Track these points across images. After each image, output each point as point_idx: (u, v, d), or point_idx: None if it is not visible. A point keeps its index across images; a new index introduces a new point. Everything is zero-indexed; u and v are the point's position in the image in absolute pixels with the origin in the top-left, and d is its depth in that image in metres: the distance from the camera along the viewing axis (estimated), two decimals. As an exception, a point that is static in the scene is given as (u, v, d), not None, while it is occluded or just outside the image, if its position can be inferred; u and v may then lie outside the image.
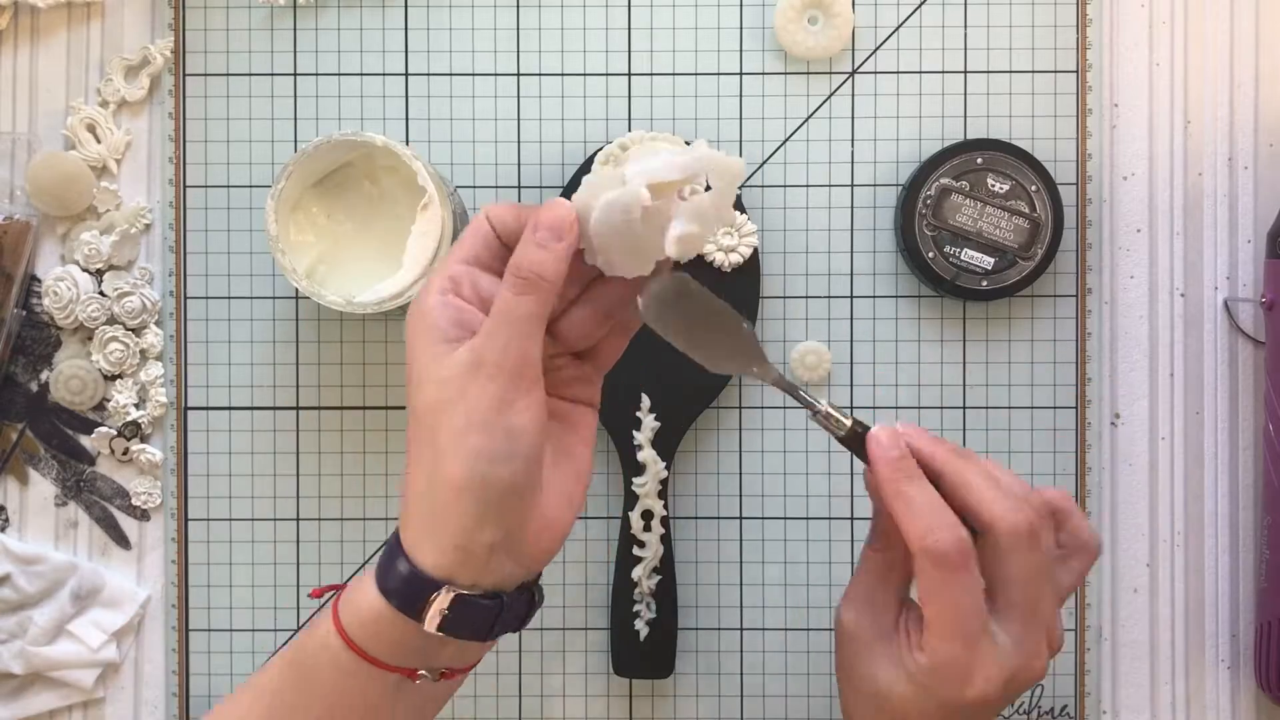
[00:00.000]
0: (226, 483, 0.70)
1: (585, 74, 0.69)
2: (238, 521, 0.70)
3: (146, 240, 0.70)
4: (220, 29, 0.69)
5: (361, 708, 0.52)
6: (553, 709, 0.70)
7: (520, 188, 0.70)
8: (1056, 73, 0.69)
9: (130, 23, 0.70)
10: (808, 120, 0.69)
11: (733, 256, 0.67)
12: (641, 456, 0.67)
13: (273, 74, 0.69)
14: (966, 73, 0.69)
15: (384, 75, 0.70)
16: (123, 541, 0.70)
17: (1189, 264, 0.70)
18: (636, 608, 0.68)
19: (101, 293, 0.69)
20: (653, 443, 0.67)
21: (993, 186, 0.67)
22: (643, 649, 0.68)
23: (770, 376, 0.53)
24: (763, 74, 0.69)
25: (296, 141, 0.70)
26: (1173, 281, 0.70)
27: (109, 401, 0.69)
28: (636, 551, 0.68)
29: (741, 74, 0.69)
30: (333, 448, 0.70)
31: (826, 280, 0.69)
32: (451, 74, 0.69)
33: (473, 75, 0.69)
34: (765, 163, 0.69)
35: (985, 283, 0.67)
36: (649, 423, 0.67)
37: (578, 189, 0.50)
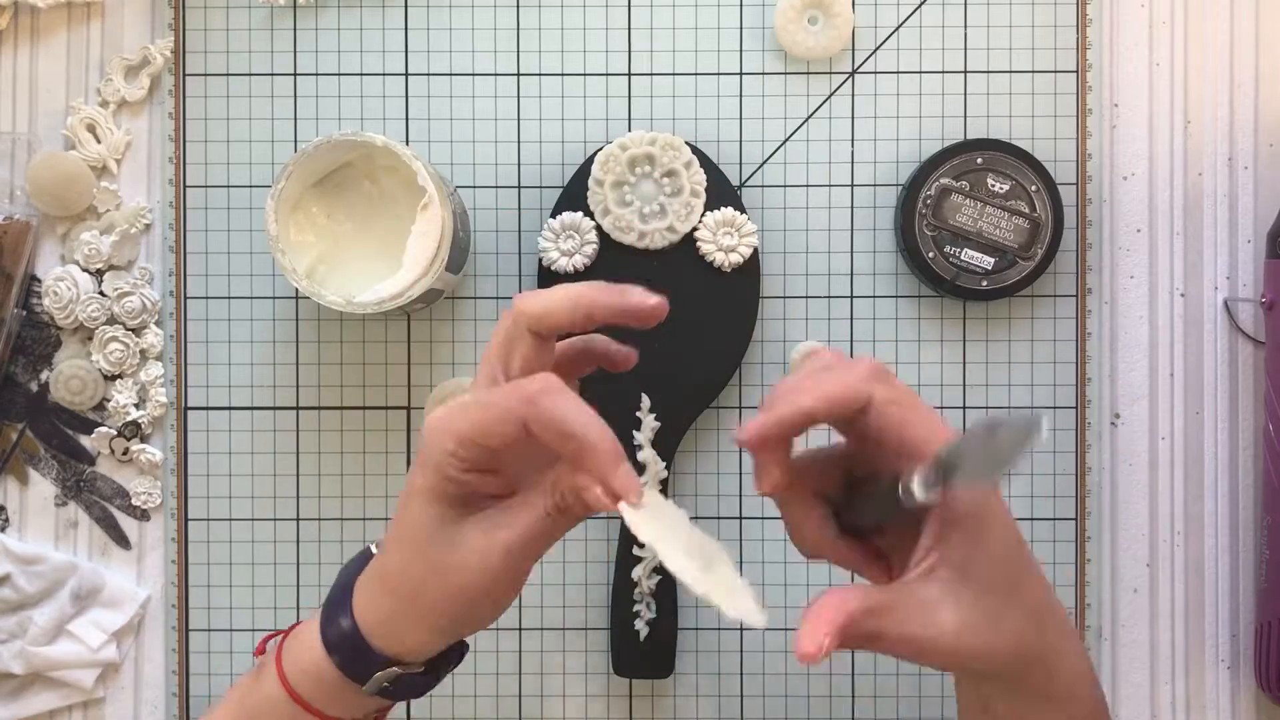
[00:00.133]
0: (226, 483, 0.70)
1: (585, 74, 0.69)
2: (238, 521, 0.70)
3: (146, 240, 0.70)
4: (220, 29, 0.69)
5: None
6: (553, 709, 0.70)
7: (520, 188, 0.70)
8: (1056, 73, 0.69)
9: (130, 23, 0.70)
10: (808, 120, 0.69)
11: (733, 256, 0.67)
12: (641, 456, 0.67)
13: (273, 74, 0.69)
14: (966, 73, 0.69)
15: (384, 75, 0.70)
16: (123, 541, 0.70)
17: (1189, 264, 0.70)
18: (636, 608, 0.68)
19: (101, 293, 0.69)
20: (653, 443, 0.67)
21: (993, 186, 0.67)
22: (643, 649, 0.68)
23: None
24: (763, 74, 0.69)
25: (296, 141, 0.70)
26: (1173, 281, 0.70)
27: (109, 401, 0.69)
28: (636, 551, 0.68)
29: (741, 74, 0.69)
30: (333, 448, 0.70)
31: (826, 280, 0.69)
32: (451, 74, 0.69)
33: (473, 75, 0.69)
34: (765, 163, 0.69)
35: (985, 283, 0.67)
36: (649, 423, 0.67)
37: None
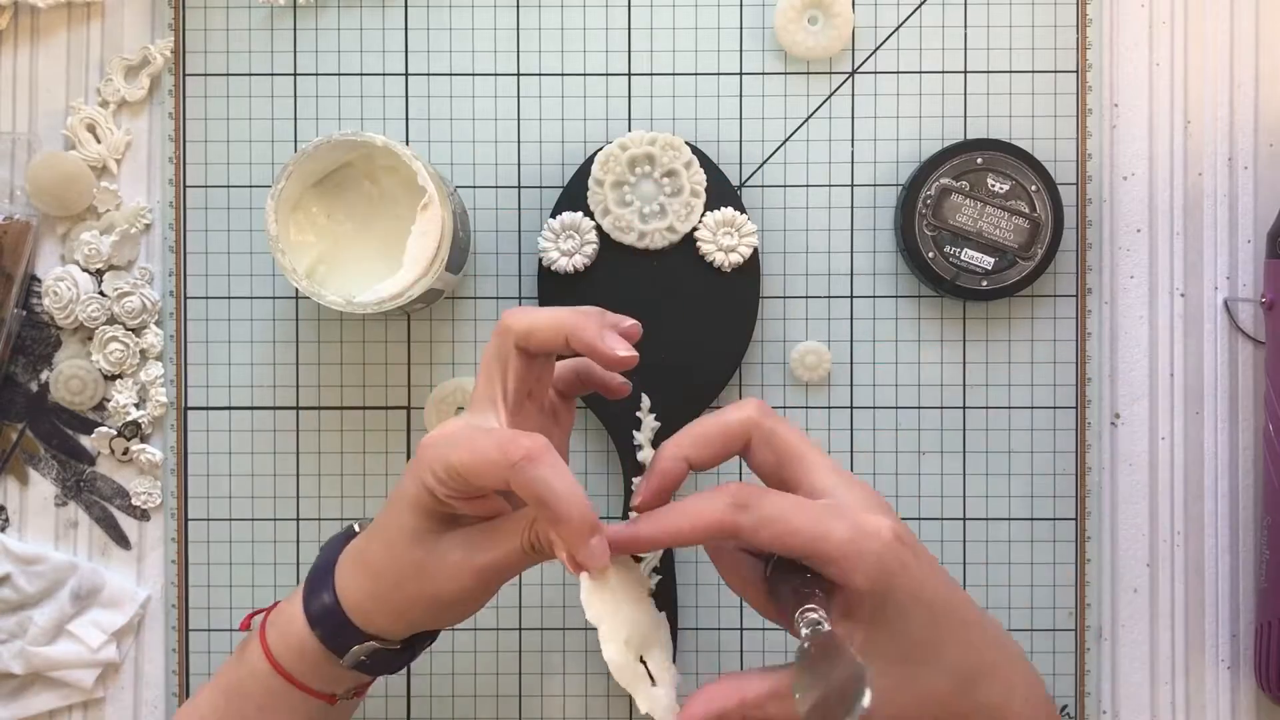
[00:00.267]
0: (226, 483, 0.70)
1: (585, 74, 0.69)
2: (238, 521, 0.70)
3: (146, 240, 0.70)
4: (220, 29, 0.69)
5: None
6: (553, 709, 0.70)
7: (520, 188, 0.70)
8: (1056, 73, 0.69)
9: (130, 23, 0.70)
10: (808, 120, 0.69)
11: (733, 256, 0.67)
12: (641, 456, 0.67)
13: (273, 74, 0.69)
14: (966, 73, 0.69)
15: (384, 75, 0.70)
16: (123, 541, 0.70)
17: (1189, 264, 0.70)
18: (636, 608, 0.68)
19: (101, 293, 0.69)
20: (653, 443, 0.67)
21: (993, 186, 0.67)
22: (643, 649, 0.68)
23: None
24: (763, 74, 0.69)
25: (296, 141, 0.70)
26: (1173, 281, 0.70)
27: (109, 401, 0.69)
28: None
29: (741, 74, 0.69)
30: (333, 448, 0.70)
31: (826, 280, 0.69)
32: (451, 74, 0.69)
33: (473, 75, 0.69)
34: (765, 163, 0.69)
35: (985, 283, 0.67)
36: (649, 423, 0.67)
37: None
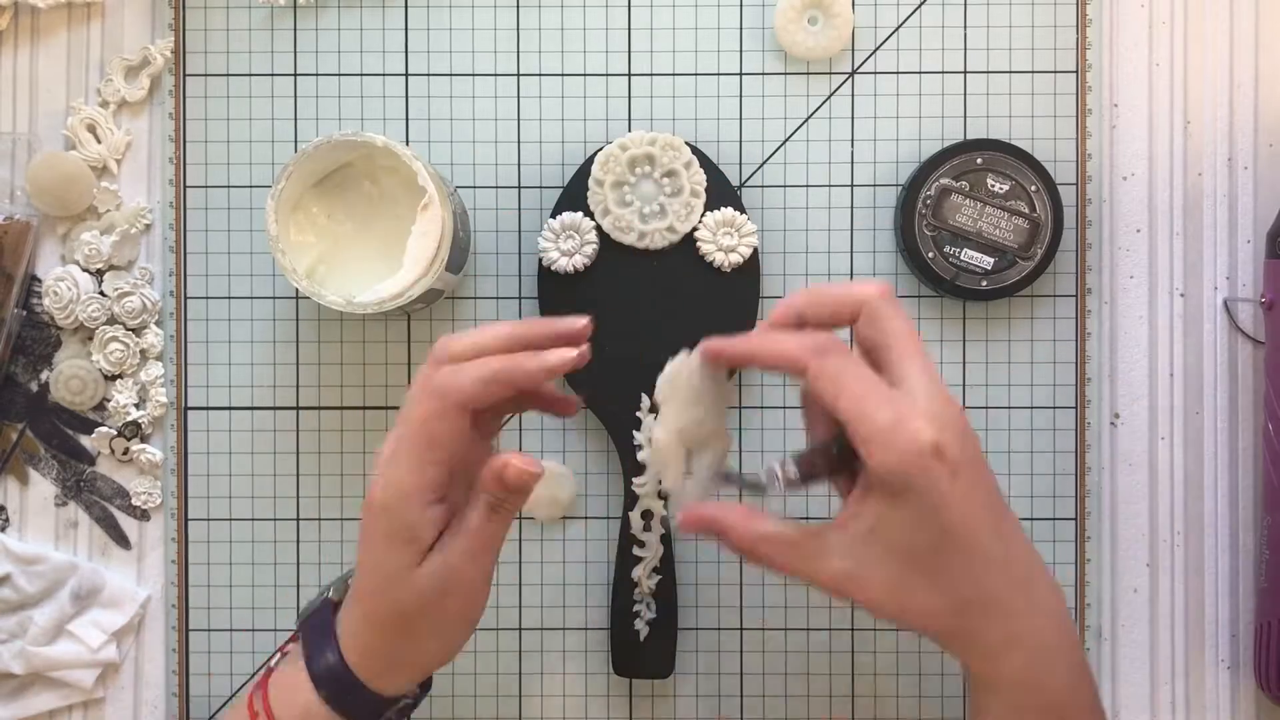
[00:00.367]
0: (226, 483, 0.70)
1: (585, 74, 0.69)
2: (238, 521, 0.70)
3: (147, 240, 0.70)
4: (220, 29, 0.69)
5: None
6: (553, 709, 0.70)
7: (520, 188, 0.70)
8: (1056, 73, 0.69)
9: (130, 23, 0.70)
10: (808, 120, 0.69)
11: (733, 256, 0.67)
12: (641, 456, 0.67)
13: (273, 74, 0.69)
14: (966, 73, 0.69)
15: (384, 75, 0.70)
16: (123, 541, 0.70)
17: (1189, 264, 0.70)
18: (636, 608, 0.68)
19: (102, 293, 0.69)
20: (652, 443, 0.67)
21: (992, 186, 0.67)
22: (643, 649, 0.68)
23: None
24: (763, 74, 0.69)
25: (296, 141, 0.70)
26: (1172, 281, 0.70)
27: (109, 401, 0.69)
28: (636, 551, 0.68)
29: (741, 74, 0.69)
30: (333, 448, 0.70)
31: (826, 280, 0.69)
32: (451, 74, 0.69)
33: (473, 75, 0.69)
34: (765, 163, 0.69)
35: (985, 283, 0.67)
36: (649, 423, 0.67)
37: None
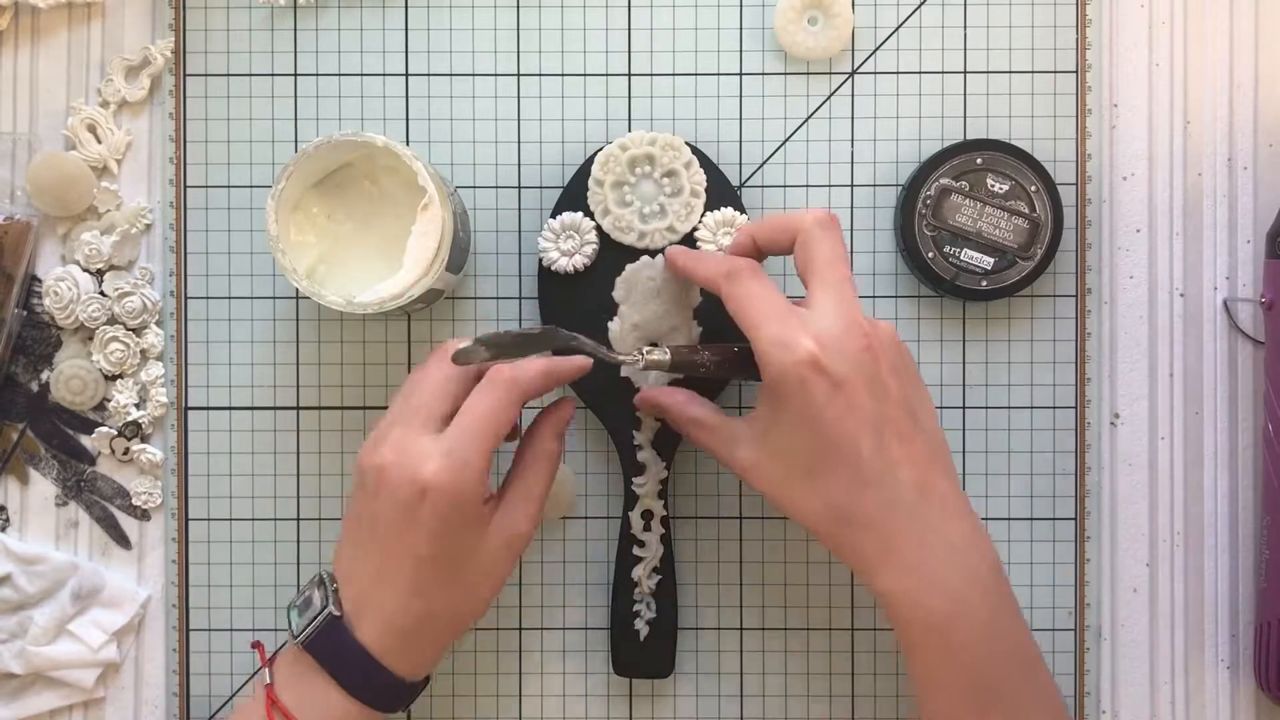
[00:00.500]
0: (226, 483, 0.70)
1: (585, 74, 0.69)
2: (238, 521, 0.70)
3: (147, 240, 0.70)
4: (220, 29, 0.69)
5: None
6: (553, 709, 0.70)
7: (520, 188, 0.70)
8: (1056, 73, 0.69)
9: (130, 23, 0.70)
10: (808, 120, 0.70)
11: (733, 256, 0.67)
12: (641, 456, 0.67)
13: (273, 74, 0.69)
14: (966, 73, 0.69)
15: (384, 75, 0.70)
16: (123, 541, 0.70)
17: (1189, 264, 0.70)
18: (636, 608, 0.68)
19: (102, 293, 0.69)
20: (652, 443, 0.67)
21: (992, 186, 0.67)
22: (643, 649, 0.68)
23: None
24: (763, 74, 0.69)
25: (296, 141, 0.70)
26: (1172, 281, 0.70)
27: (109, 401, 0.69)
28: (636, 551, 0.68)
29: (741, 74, 0.69)
30: (333, 448, 0.70)
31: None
32: (451, 74, 0.70)
33: (473, 75, 0.69)
34: (765, 163, 0.69)
35: (985, 283, 0.67)
36: (649, 423, 0.67)
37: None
